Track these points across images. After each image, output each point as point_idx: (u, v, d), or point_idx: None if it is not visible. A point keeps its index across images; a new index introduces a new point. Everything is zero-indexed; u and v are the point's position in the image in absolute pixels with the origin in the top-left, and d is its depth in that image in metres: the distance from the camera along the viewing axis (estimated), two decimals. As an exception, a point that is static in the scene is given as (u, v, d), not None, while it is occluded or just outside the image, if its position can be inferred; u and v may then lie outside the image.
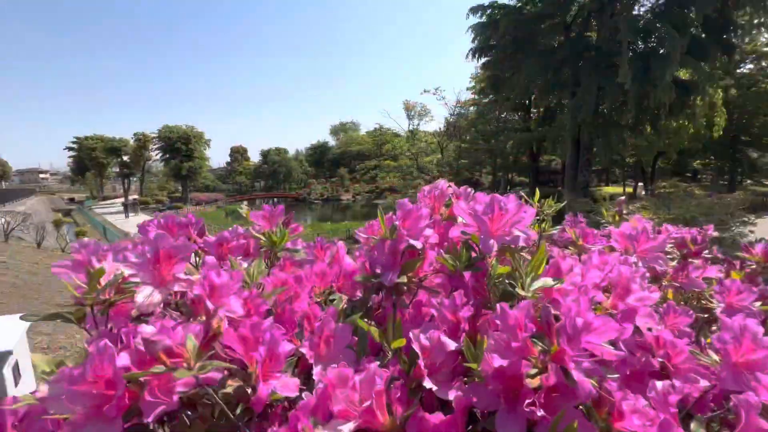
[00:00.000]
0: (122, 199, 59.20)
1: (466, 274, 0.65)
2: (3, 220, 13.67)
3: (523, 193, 1.37)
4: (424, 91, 25.56)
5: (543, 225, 1.35)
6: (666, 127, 18.93)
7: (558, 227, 2.63)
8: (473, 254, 0.67)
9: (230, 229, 0.92)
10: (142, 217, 39.57)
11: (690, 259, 1.10)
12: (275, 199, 68.76)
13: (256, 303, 0.63)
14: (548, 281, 0.60)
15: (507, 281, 0.62)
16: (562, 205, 1.29)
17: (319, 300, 0.89)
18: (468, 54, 18.17)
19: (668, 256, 1.31)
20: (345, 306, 0.92)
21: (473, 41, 18.13)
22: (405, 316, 0.73)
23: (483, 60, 18.76)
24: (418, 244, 0.67)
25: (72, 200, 66.45)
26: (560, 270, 0.66)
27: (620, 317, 0.63)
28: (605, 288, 0.95)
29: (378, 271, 0.69)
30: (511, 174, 33.33)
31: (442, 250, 0.70)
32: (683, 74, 17.69)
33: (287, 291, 0.72)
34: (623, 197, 1.34)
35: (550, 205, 1.27)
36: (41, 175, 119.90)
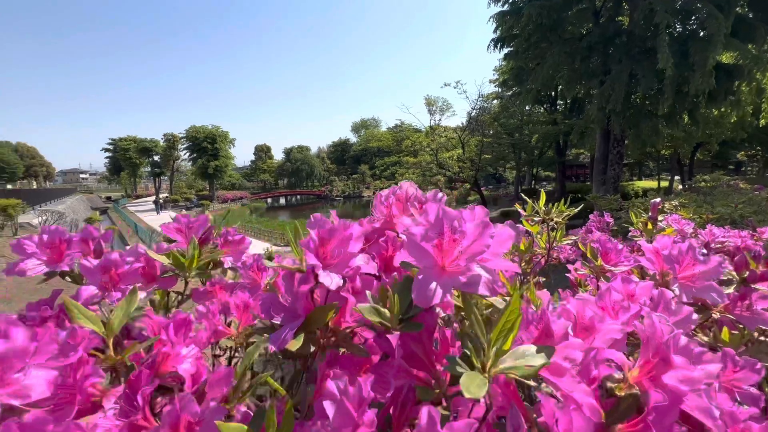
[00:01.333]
0: (153, 197, 61.91)
1: (393, 338, 0.41)
2: (40, 218, 14.40)
3: (523, 194, 1.11)
4: (445, 84, 24.87)
5: (555, 234, 1.08)
6: (706, 115, 17.55)
7: (575, 233, 2.24)
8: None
9: (129, 247, 0.72)
10: (172, 213, 41.14)
11: (754, 285, 0.81)
12: (298, 197, 69.88)
13: (83, 374, 0.42)
14: (528, 355, 0.36)
15: (458, 357, 0.37)
16: (577, 210, 1.02)
17: (233, 345, 0.68)
18: (489, 45, 17.45)
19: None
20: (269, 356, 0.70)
21: (495, 31, 17.39)
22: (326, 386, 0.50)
23: (505, 51, 17.99)
24: (331, 281, 0.44)
25: (109, 199, 70.10)
26: (550, 331, 0.41)
27: (654, 415, 0.38)
28: (631, 332, 0.69)
29: (277, 321, 0.47)
30: (536, 169, 32.15)
31: (371, 292, 0.46)
32: (726, 58, 16.30)
33: (159, 343, 0.51)
34: (658, 199, 1.05)
35: (561, 210, 1.00)
36: (81, 175, 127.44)
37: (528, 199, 1.00)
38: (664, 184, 30.54)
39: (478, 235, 0.39)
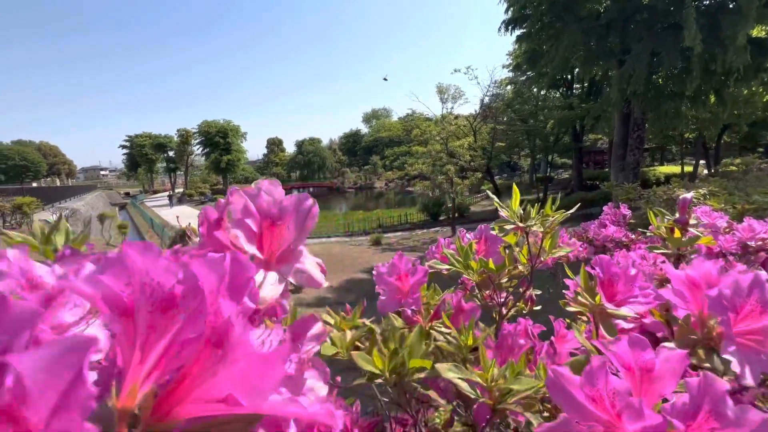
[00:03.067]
0: (169, 192, 63.41)
1: None
2: (55, 215, 14.71)
3: (489, 192, 0.80)
4: (455, 70, 24.05)
5: (545, 243, 0.78)
6: (734, 95, 16.43)
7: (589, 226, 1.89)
8: None
9: None
10: (183, 207, 42.05)
11: None
12: (310, 189, 70.31)
13: None
14: None
15: None
16: (570, 211, 0.71)
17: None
18: (500, 27, 16.68)
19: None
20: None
21: (506, 12, 16.59)
22: None
23: (518, 33, 17.19)
24: None
25: (128, 194, 71.95)
26: None
27: None
28: None
29: None
30: (551, 156, 31.15)
31: None
32: (757, 31, 15.15)
33: None
34: (689, 194, 0.72)
35: (546, 215, 0.70)
36: (102, 172, 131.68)
37: (495, 198, 0.70)
38: (688, 169, 29.18)
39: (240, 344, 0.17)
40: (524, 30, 16.70)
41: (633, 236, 2.20)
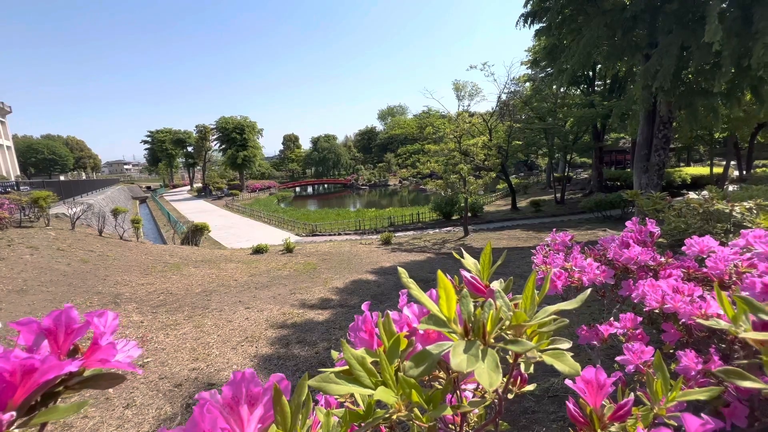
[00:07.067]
0: (188, 187, 64.77)
1: None
2: (71, 210, 14.95)
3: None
4: (471, 67, 23.25)
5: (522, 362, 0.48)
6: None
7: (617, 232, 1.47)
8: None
9: None
10: (200, 202, 42.70)
11: None
12: (325, 185, 70.41)
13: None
14: None
15: None
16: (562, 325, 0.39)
17: None
18: (518, 20, 15.97)
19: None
20: None
21: (525, 5, 15.89)
22: None
23: (536, 26, 16.43)
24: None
25: (149, 188, 73.74)
26: None
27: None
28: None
29: None
30: (570, 155, 30.05)
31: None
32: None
33: None
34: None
35: (517, 323, 0.38)
36: (125, 166, 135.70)
37: (415, 290, 0.38)
38: (717, 170, 27.66)
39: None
40: (544, 24, 15.99)
41: (662, 259, 1.80)
